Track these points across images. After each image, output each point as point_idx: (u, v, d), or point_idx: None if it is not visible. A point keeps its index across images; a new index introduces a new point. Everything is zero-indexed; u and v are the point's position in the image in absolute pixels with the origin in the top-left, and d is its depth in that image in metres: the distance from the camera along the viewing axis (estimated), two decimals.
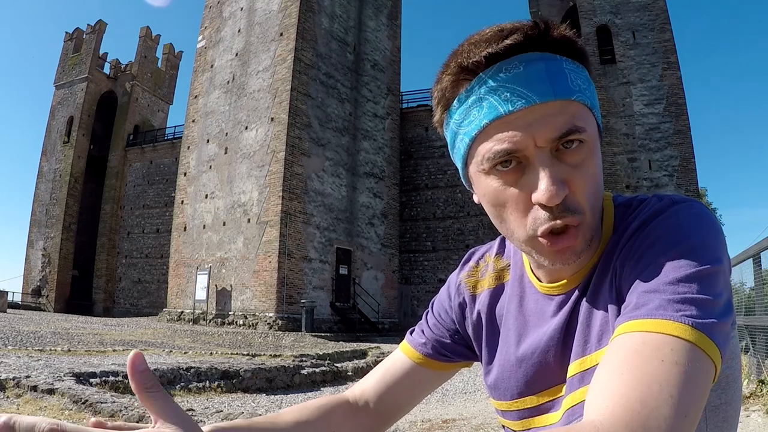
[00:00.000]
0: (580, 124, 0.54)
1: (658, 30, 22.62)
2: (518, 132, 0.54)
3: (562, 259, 0.56)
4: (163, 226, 29.07)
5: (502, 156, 0.55)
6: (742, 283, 6.02)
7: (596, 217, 0.58)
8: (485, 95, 0.55)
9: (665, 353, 0.44)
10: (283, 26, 20.74)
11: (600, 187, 0.58)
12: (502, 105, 0.54)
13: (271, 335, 15.59)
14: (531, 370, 0.64)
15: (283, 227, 18.53)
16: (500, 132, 0.54)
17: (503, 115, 0.54)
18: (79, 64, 34.61)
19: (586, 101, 0.56)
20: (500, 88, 0.54)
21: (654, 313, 0.47)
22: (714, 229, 0.53)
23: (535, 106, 0.53)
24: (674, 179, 21.29)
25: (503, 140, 0.54)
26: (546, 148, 0.54)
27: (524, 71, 0.54)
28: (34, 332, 11.36)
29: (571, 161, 0.55)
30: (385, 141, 24.29)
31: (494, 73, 0.55)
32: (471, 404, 6.79)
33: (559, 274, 0.64)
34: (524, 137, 0.53)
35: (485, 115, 0.55)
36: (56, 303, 30.58)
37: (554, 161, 0.54)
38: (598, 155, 0.59)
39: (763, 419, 3.95)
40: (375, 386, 0.76)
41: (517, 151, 0.54)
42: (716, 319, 0.47)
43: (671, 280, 0.49)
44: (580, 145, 0.55)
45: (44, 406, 4.47)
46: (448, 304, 0.78)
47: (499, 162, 0.55)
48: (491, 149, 0.55)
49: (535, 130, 0.53)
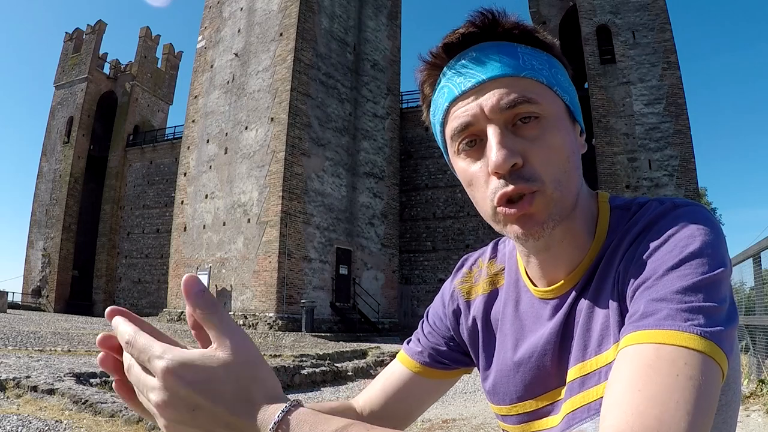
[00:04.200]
0: (531, 96, 0.57)
1: (658, 30, 22.62)
2: (470, 107, 0.58)
3: (525, 228, 0.57)
4: (163, 226, 29.06)
5: (459, 132, 0.59)
6: (742, 283, 6.02)
7: (565, 193, 0.58)
8: (446, 83, 0.60)
9: (679, 367, 0.44)
10: (282, 26, 20.74)
11: (570, 165, 0.58)
12: (457, 87, 0.59)
13: (271, 335, 15.59)
14: (529, 375, 0.64)
15: (283, 227, 18.53)
16: (458, 110, 0.59)
17: (457, 95, 0.59)
18: (79, 65, 34.61)
19: (540, 78, 0.58)
20: (456, 73, 0.59)
21: (663, 324, 0.47)
22: (716, 233, 0.53)
23: (485, 83, 0.57)
24: (674, 179, 21.29)
25: (459, 117, 0.58)
26: (497, 120, 0.57)
27: (476, 56, 0.59)
28: (34, 332, 11.36)
29: (528, 135, 0.57)
30: (385, 141, 24.29)
31: (453, 63, 0.60)
32: (471, 404, 6.79)
33: (553, 275, 0.64)
34: (475, 110, 0.57)
35: (446, 99, 0.60)
36: (56, 303, 30.57)
37: (507, 133, 0.57)
38: (566, 134, 0.59)
39: (763, 419, 3.95)
40: (377, 397, 0.76)
41: (470, 125, 0.58)
42: (723, 327, 0.47)
43: (678, 289, 0.49)
44: (537, 120, 0.57)
45: (44, 407, 4.46)
46: (443, 311, 0.78)
47: (463, 141, 0.59)
48: (453, 127, 0.59)
49: (484, 102, 0.57)
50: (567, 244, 0.62)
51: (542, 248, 0.62)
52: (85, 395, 4.62)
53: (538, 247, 0.62)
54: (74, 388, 4.92)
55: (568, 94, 0.61)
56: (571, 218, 0.60)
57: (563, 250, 0.62)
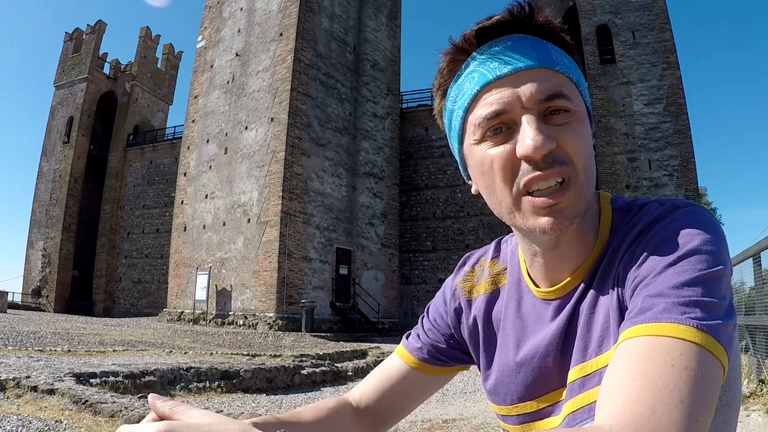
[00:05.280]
0: (565, 92, 0.57)
1: (658, 30, 22.62)
2: (505, 94, 0.57)
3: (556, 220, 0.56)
4: (163, 226, 29.06)
5: (491, 118, 0.57)
6: (742, 282, 6.02)
7: (590, 185, 0.58)
8: (476, 68, 0.59)
9: (674, 357, 0.44)
10: (282, 26, 20.74)
11: (593, 160, 0.59)
12: (491, 72, 0.58)
13: (271, 335, 15.59)
14: (530, 375, 0.64)
15: (283, 227, 18.53)
16: (490, 96, 0.57)
17: (492, 80, 0.58)
18: (79, 65, 34.60)
19: (571, 76, 0.59)
20: (489, 59, 0.58)
21: (659, 317, 0.47)
22: (716, 233, 0.53)
23: (521, 71, 0.57)
24: (674, 179, 21.29)
25: (492, 103, 0.57)
26: (533, 109, 0.56)
27: (512, 44, 0.58)
28: (34, 332, 11.36)
29: (559, 122, 0.57)
30: (385, 141, 24.29)
31: (486, 49, 0.59)
32: (471, 404, 6.79)
33: (556, 275, 0.63)
34: (511, 98, 0.56)
35: (476, 84, 0.59)
36: (56, 303, 30.56)
37: (540, 121, 0.56)
38: (588, 132, 0.60)
39: (763, 419, 3.95)
40: (373, 390, 0.77)
41: (504, 113, 0.57)
42: (721, 321, 0.47)
43: (675, 284, 0.49)
44: (567, 114, 0.57)
45: (44, 407, 4.46)
46: (444, 309, 0.78)
47: (490, 128, 0.58)
48: (481, 115, 0.58)
49: (522, 91, 0.56)
50: (576, 243, 0.62)
51: (552, 246, 0.62)
52: (85, 395, 4.62)
53: (549, 245, 0.61)
54: (74, 388, 4.92)
55: (586, 92, 0.62)
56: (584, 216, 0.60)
57: (571, 248, 0.62)
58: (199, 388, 6.46)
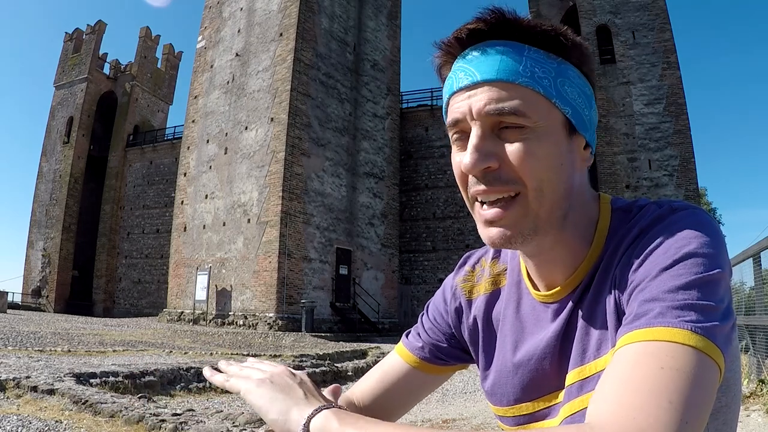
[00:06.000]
0: (521, 108, 0.55)
1: (658, 30, 22.62)
2: (462, 105, 0.58)
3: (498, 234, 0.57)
4: (163, 226, 29.06)
5: (451, 126, 0.60)
6: (742, 283, 6.02)
7: (546, 205, 0.57)
8: (452, 74, 0.61)
9: (664, 360, 0.44)
10: (282, 26, 20.74)
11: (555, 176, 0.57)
12: (457, 82, 0.60)
13: (271, 335, 15.58)
14: (527, 377, 0.64)
15: (283, 227, 18.53)
16: (454, 104, 0.60)
17: (455, 90, 0.60)
18: (79, 65, 34.60)
19: (537, 88, 0.56)
20: (461, 67, 0.60)
21: (653, 322, 0.47)
22: (714, 236, 0.53)
23: (478, 84, 0.57)
24: (674, 179, 21.29)
25: (453, 111, 0.60)
26: (481, 122, 0.57)
27: (482, 54, 0.58)
28: (34, 333, 11.36)
29: (511, 139, 0.57)
30: (385, 141, 24.29)
31: (463, 55, 0.60)
32: (471, 404, 6.79)
33: (551, 279, 0.63)
34: (464, 109, 0.58)
35: (447, 91, 0.62)
36: (56, 303, 30.56)
37: (488, 136, 0.57)
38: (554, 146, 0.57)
39: (763, 419, 3.95)
40: (373, 388, 0.77)
41: (459, 121, 0.59)
42: (718, 322, 0.47)
43: (671, 288, 0.48)
44: (521, 130, 0.56)
45: (44, 407, 4.46)
46: (444, 308, 0.78)
47: (453, 134, 0.61)
48: (447, 121, 0.61)
49: (472, 103, 0.57)
50: (560, 250, 0.61)
51: (533, 253, 0.62)
52: (85, 395, 4.61)
53: (527, 252, 0.63)
54: (74, 388, 4.92)
55: (571, 106, 0.58)
56: (563, 227, 0.60)
57: (557, 255, 0.62)
58: (199, 388, 6.46)
